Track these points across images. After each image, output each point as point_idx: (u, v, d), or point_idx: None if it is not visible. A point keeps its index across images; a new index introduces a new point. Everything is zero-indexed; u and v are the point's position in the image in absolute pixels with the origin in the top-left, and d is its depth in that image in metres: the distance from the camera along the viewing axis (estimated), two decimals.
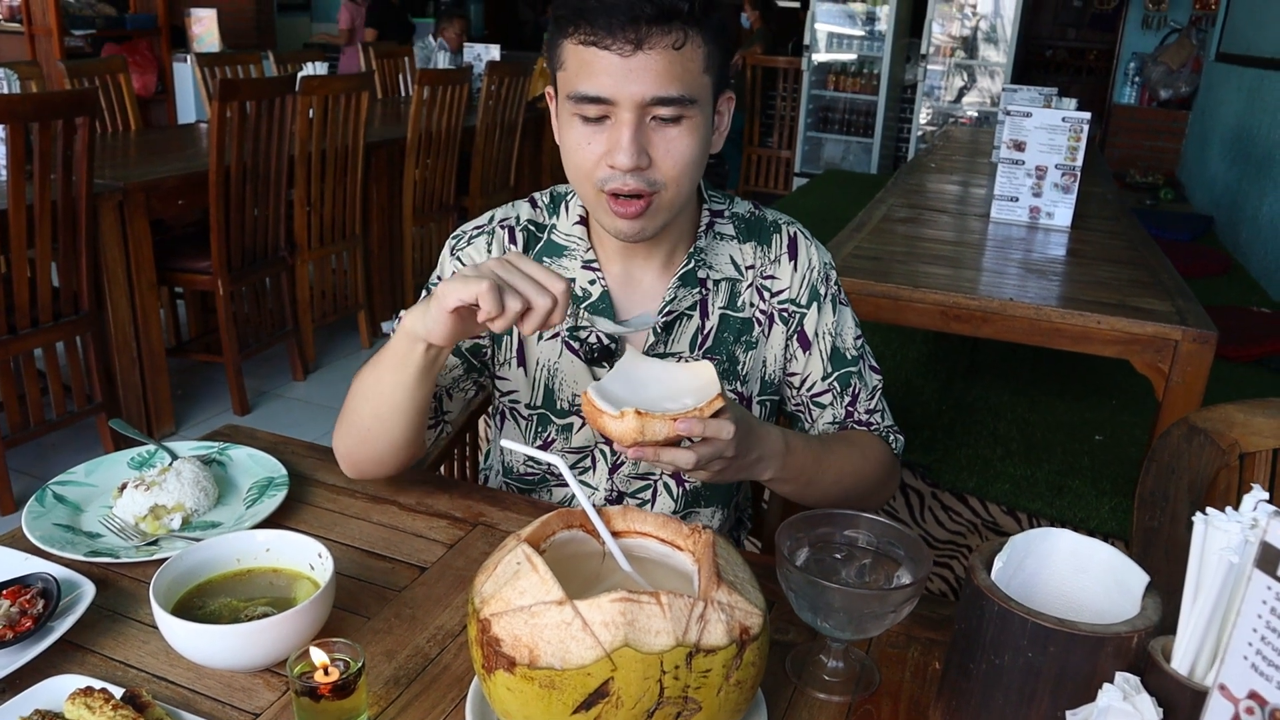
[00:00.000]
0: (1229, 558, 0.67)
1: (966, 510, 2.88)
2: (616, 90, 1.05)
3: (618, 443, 0.93)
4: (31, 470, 3.12)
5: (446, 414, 1.31)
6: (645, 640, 0.71)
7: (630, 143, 1.06)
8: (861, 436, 1.29)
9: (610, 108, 1.07)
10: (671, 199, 1.12)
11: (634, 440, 0.92)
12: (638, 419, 0.91)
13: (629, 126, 1.06)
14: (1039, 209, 3.12)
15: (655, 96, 1.05)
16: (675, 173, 1.10)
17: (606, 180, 1.09)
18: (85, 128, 2.77)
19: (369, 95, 3.87)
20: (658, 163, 1.09)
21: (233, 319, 3.50)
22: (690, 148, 1.10)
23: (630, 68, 1.04)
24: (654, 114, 1.07)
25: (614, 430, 0.92)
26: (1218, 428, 1.39)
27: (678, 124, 1.08)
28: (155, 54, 7.38)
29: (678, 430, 0.92)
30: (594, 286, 1.24)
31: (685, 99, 1.07)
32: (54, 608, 0.93)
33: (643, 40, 1.04)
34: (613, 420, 0.92)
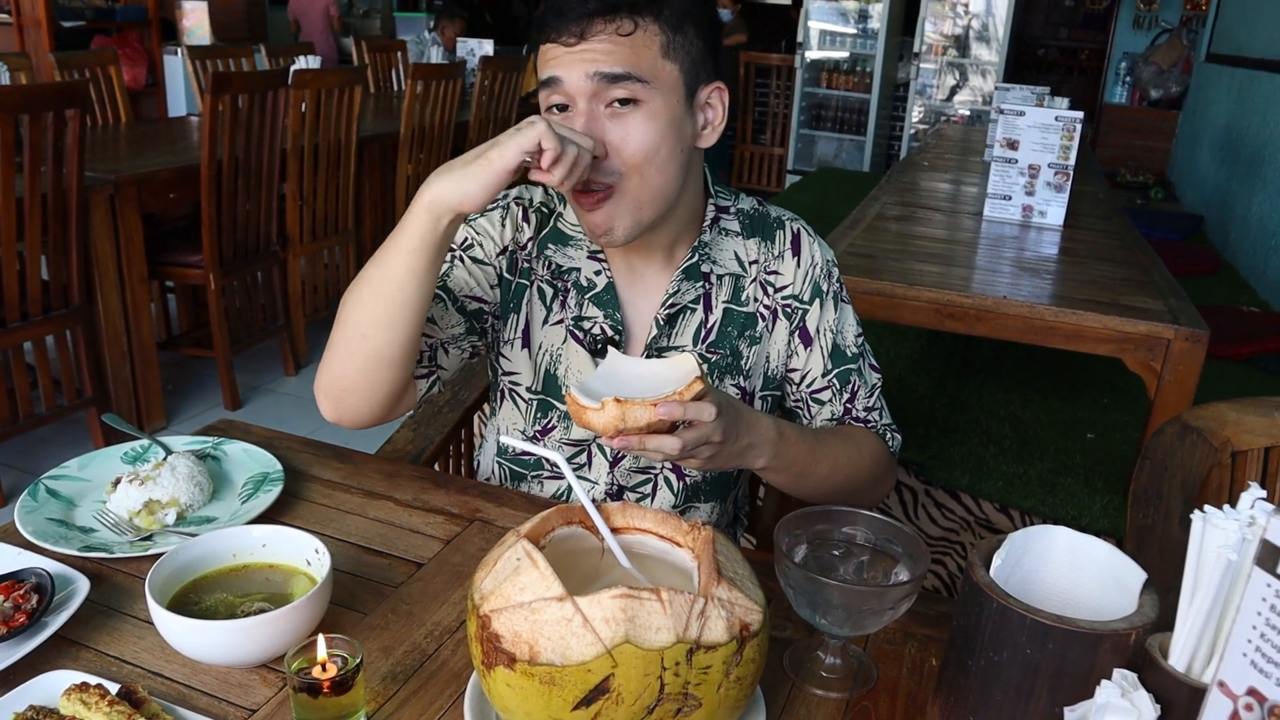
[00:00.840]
0: (1227, 555, 0.67)
1: (959, 507, 2.89)
2: (564, 71, 1.09)
3: (602, 435, 0.93)
4: (21, 465, 3.11)
5: (442, 368, 1.25)
6: (646, 637, 0.71)
7: (583, 129, 1.08)
8: (858, 432, 1.29)
9: (565, 92, 1.10)
10: (636, 190, 1.11)
11: (616, 429, 0.92)
12: (618, 407, 0.91)
13: (582, 114, 1.09)
14: (1032, 207, 3.13)
15: (598, 72, 1.08)
16: (636, 161, 1.10)
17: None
18: (76, 120, 2.75)
19: (361, 89, 3.85)
20: (615, 150, 1.09)
21: (224, 313, 3.48)
22: (647, 135, 1.10)
23: (575, 53, 1.09)
24: (610, 97, 1.09)
25: (596, 423, 0.93)
26: (1210, 426, 1.40)
27: (635, 107, 1.09)
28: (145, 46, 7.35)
29: (659, 415, 0.92)
30: (599, 277, 1.24)
31: (633, 76, 1.08)
32: (48, 603, 0.92)
33: (585, 31, 1.08)
34: (594, 413, 0.92)
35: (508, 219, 1.27)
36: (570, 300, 1.25)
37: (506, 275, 1.27)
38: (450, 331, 1.25)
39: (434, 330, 1.23)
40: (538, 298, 1.27)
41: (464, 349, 1.27)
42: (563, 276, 1.26)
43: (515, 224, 1.27)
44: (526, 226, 1.27)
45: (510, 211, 1.28)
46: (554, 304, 1.26)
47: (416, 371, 1.21)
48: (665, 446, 0.95)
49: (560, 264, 1.26)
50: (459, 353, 1.27)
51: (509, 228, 1.27)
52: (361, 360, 1.10)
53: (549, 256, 1.26)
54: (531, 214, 1.28)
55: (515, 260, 1.27)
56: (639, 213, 1.13)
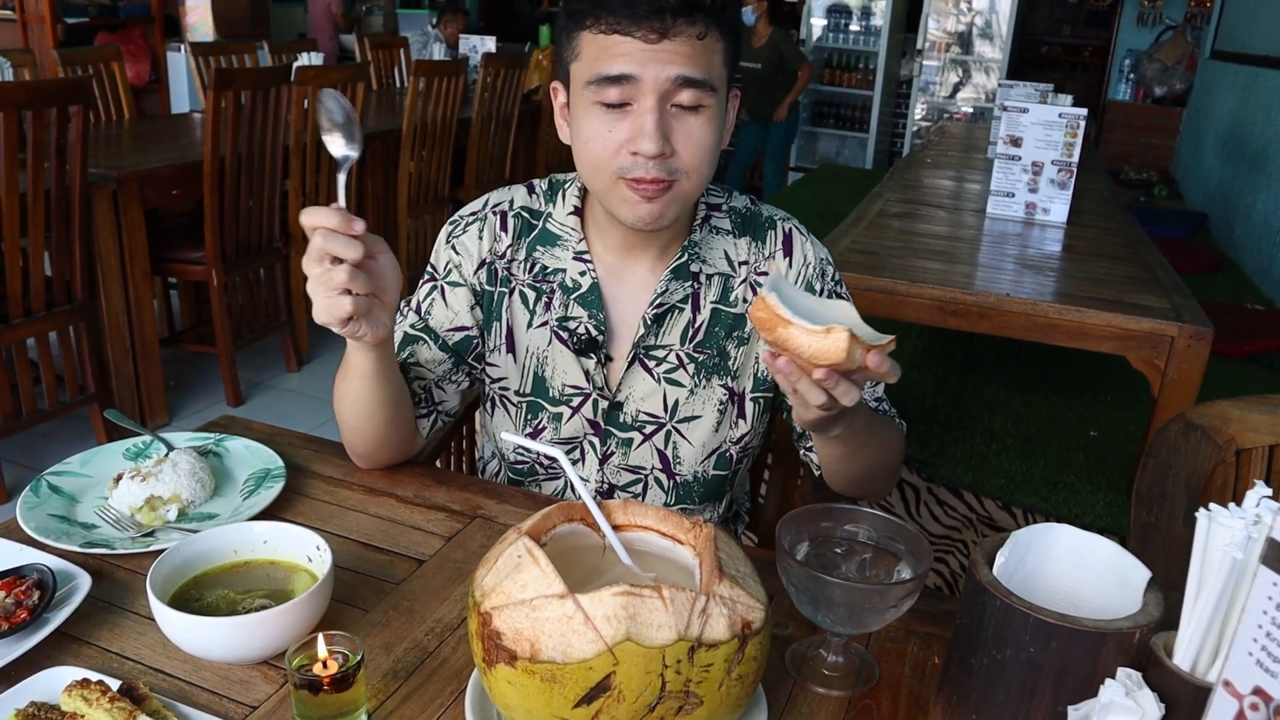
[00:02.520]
0: (1233, 554, 0.67)
1: (962, 505, 2.89)
2: (641, 70, 1.05)
3: (808, 360, 0.86)
4: (23, 460, 3.11)
5: (440, 404, 1.31)
6: (647, 634, 0.70)
7: (655, 128, 1.06)
8: (882, 416, 1.29)
9: (633, 91, 1.06)
10: (690, 189, 1.13)
11: (835, 361, 0.85)
12: (849, 341, 0.84)
13: (653, 112, 1.06)
14: (1035, 205, 3.12)
15: (682, 76, 1.06)
16: (695, 161, 1.10)
17: (628, 169, 1.09)
18: (79, 116, 2.75)
19: (364, 86, 3.85)
20: (679, 151, 1.09)
21: (226, 310, 3.48)
22: (710, 137, 1.10)
23: (655, 52, 1.05)
24: (676, 100, 1.07)
25: (808, 345, 0.85)
26: (1214, 424, 1.39)
27: (697, 113, 1.09)
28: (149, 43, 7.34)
29: (872, 363, 0.87)
30: (584, 278, 1.24)
31: (708, 84, 1.07)
32: (50, 599, 0.92)
33: (668, 29, 1.05)
34: (813, 335, 0.85)
35: (485, 230, 1.27)
36: (555, 301, 1.25)
37: (487, 288, 1.28)
38: (439, 370, 1.29)
39: (423, 372, 1.29)
40: (519, 303, 1.27)
41: (458, 382, 1.31)
42: (548, 278, 1.26)
43: (493, 234, 1.27)
44: (504, 235, 1.27)
45: (487, 222, 1.28)
46: (537, 306, 1.26)
47: (417, 412, 1.28)
48: (847, 396, 0.90)
49: (546, 265, 1.26)
50: (454, 386, 1.31)
51: (487, 239, 1.27)
52: (364, 442, 1.23)
53: (536, 259, 1.26)
54: (511, 219, 1.28)
55: (494, 271, 1.27)
56: (682, 205, 1.15)
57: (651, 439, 1.28)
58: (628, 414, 1.27)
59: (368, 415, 1.18)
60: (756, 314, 0.88)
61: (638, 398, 1.27)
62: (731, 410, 1.29)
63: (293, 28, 8.83)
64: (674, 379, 1.26)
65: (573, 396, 1.27)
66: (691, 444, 1.29)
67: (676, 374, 1.26)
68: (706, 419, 1.28)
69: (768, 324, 0.87)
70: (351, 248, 0.96)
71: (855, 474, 1.22)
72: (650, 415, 1.27)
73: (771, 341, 0.87)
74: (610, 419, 1.27)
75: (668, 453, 1.29)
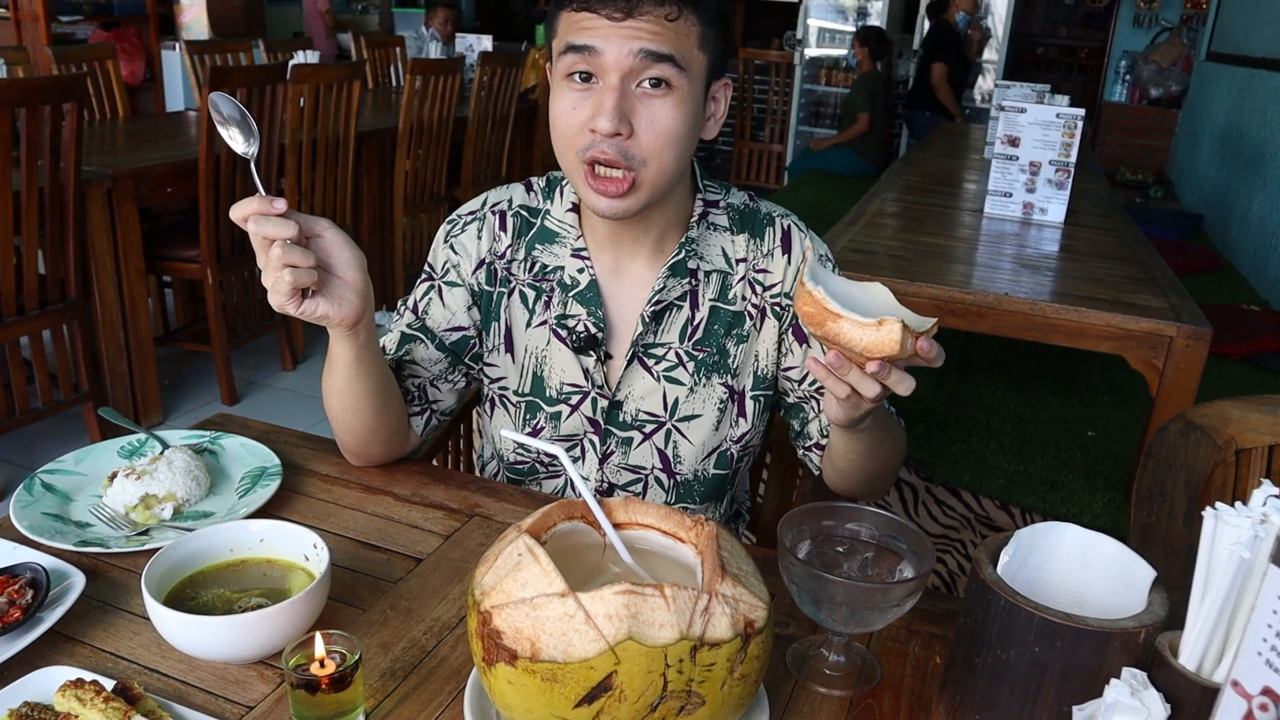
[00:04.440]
0: (1240, 553, 0.66)
1: (960, 505, 2.89)
2: (605, 43, 1.06)
3: (859, 354, 0.85)
4: (17, 460, 3.09)
5: (435, 402, 1.30)
6: (649, 633, 0.70)
7: (613, 107, 1.06)
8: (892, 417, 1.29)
9: (597, 65, 1.07)
10: (654, 176, 1.11)
11: (890, 354, 0.84)
12: (901, 332, 0.83)
13: (614, 91, 1.06)
14: (1033, 205, 3.12)
15: (645, 49, 1.05)
16: (656, 146, 1.09)
17: (586, 148, 1.09)
18: (73, 114, 2.74)
19: (360, 84, 3.84)
20: (639, 134, 1.08)
21: (221, 308, 3.47)
22: (674, 121, 1.09)
23: (620, 27, 1.06)
24: (641, 78, 1.07)
25: (860, 338, 0.84)
26: (1214, 424, 1.39)
27: (664, 95, 1.08)
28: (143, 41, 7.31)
29: (920, 349, 0.86)
30: (582, 275, 1.23)
31: (674, 59, 1.07)
32: (43, 598, 0.91)
33: (633, 9, 1.05)
34: (865, 329, 0.83)
35: (484, 230, 1.27)
36: (554, 300, 1.25)
37: (485, 288, 1.27)
38: (435, 369, 1.29)
39: (418, 370, 1.29)
40: (519, 302, 1.26)
41: (454, 381, 1.32)
42: (547, 276, 1.25)
43: (492, 233, 1.27)
44: (504, 234, 1.27)
45: (486, 221, 1.27)
46: (537, 305, 1.26)
47: (410, 410, 1.28)
48: (902, 386, 0.90)
49: (546, 263, 1.25)
50: (450, 385, 1.31)
51: (485, 238, 1.27)
52: (354, 439, 1.22)
53: (535, 257, 1.25)
54: (510, 218, 1.27)
55: (493, 270, 1.27)
56: (650, 197, 1.13)
57: (651, 438, 1.27)
58: (627, 413, 1.26)
59: (354, 407, 1.17)
60: (803, 308, 0.87)
61: (637, 396, 1.26)
62: (731, 409, 1.28)
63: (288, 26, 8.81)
64: (673, 377, 1.25)
65: (571, 395, 1.26)
66: (691, 443, 1.28)
67: (676, 372, 1.25)
68: (706, 418, 1.27)
69: (816, 319, 0.85)
70: (282, 226, 0.97)
71: (870, 471, 1.21)
72: (650, 414, 1.26)
73: (820, 335, 0.86)
74: (610, 418, 1.27)
75: (668, 452, 1.28)
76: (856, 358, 0.87)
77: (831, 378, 0.92)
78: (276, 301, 1.00)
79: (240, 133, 1.01)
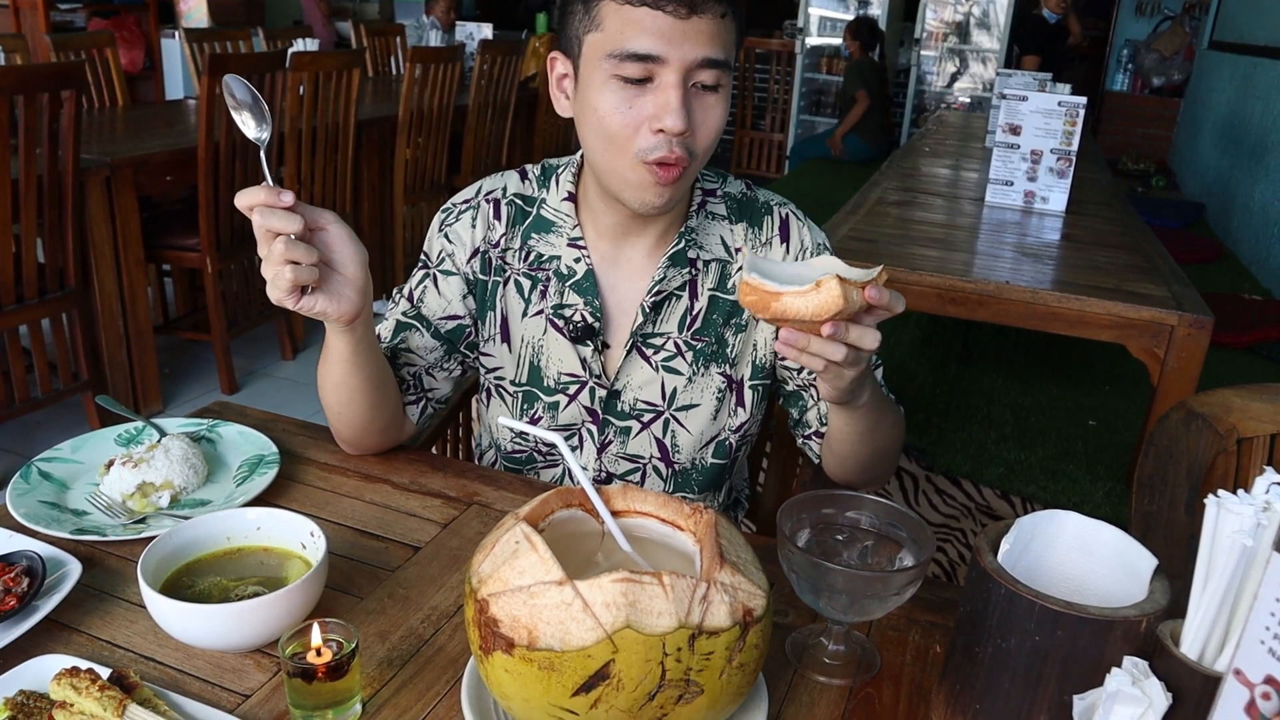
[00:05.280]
0: (1242, 541, 0.66)
1: (960, 494, 2.88)
2: (669, 49, 1.03)
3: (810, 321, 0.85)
4: (16, 448, 3.09)
5: (430, 391, 1.30)
6: (647, 621, 0.69)
7: (680, 106, 1.04)
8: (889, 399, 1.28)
9: (657, 68, 1.04)
10: (695, 170, 1.12)
11: (835, 313, 0.84)
12: (840, 285, 0.83)
13: (678, 89, 1.04)
14: (1034, 193, 3.11)
15: (708, 57, 1.04)
16: (708, 142, 1.10)
17: (650, 150, 1.06)
18: (71, 101, 2.73)
19: (360, 72, 3.83)
20: (696, 131, 1.08)
21: (221, 297, 3.46)
22: (722, 118, 1.10)
23: (684, 29, 1.03)
24: (697, 79, 1.06)
25: (805, 305, 0.84)
26: (1215, 412, 1.38)
27: (715, 92, 1.08)
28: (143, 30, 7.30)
29: (869, 298, 0.86)
30: (579, 265, 1.22)
31: (729, 64, 1.07)
32: (39, 586, 0.90)
33: (697, 5, 1.03)
34: (800, 296, 0.84)
35: (478, 218, 1.26)
36: (550, 289, 1.24)
37: (480, 277, 1.26)
38: (430, 358, 1.28)
39: (414, 358, 1.28)
40: (514, 291, 1.25)
41: (450, 370, 1.31)
42: (543, 266, 1.24)
43: (487, 222, 1.26)
44: (498, 223, 1.26)
45: (481, 210, 1.27)
46: (533, 295, 1.25)
47: (405, 398, 1.28)
48: (867, 338, 0.90)
49: (542, 253, 1.24)
50: (446, 374, 1.31)
51: (480, 227, 1.26)
52: (350, 428, 1.22)
53: (531, 246, 1.25)
54: (504, 206, 1.26)
55: (488, 259, 1.26)
56: (688, 185, 1.14)
57: (649, 427, 1.27)
58: (625, 402, 1.26)
59: (350, 400, 1.17)
60: (746, 298, 0.87)
61: (635, 386, 1.25)
62: (730, 398, 1.28)
63: (287, 14, 8.78)
64: (672, 367, 1.25)
65: (569, 385, 1.25)
66: (690, 432, 1.27)
67: (674, 362, 1.25)
68: (705, 407, 1.27)
69: (760, 304, 0.86)
70: (288, 220, 0.95)
71: (869, 455, 1.20)
72: (648, 404, 1.26)
73: (770, 319, 0.87)
74: (608, 407, 1.26)
75: (666, 441, 1.28)
76: (812, 327, 0.87)
77: (800, 354, 0.91)
78: (275, 296, 0.99)
79: (252, 117, 0.99)
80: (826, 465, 1.27)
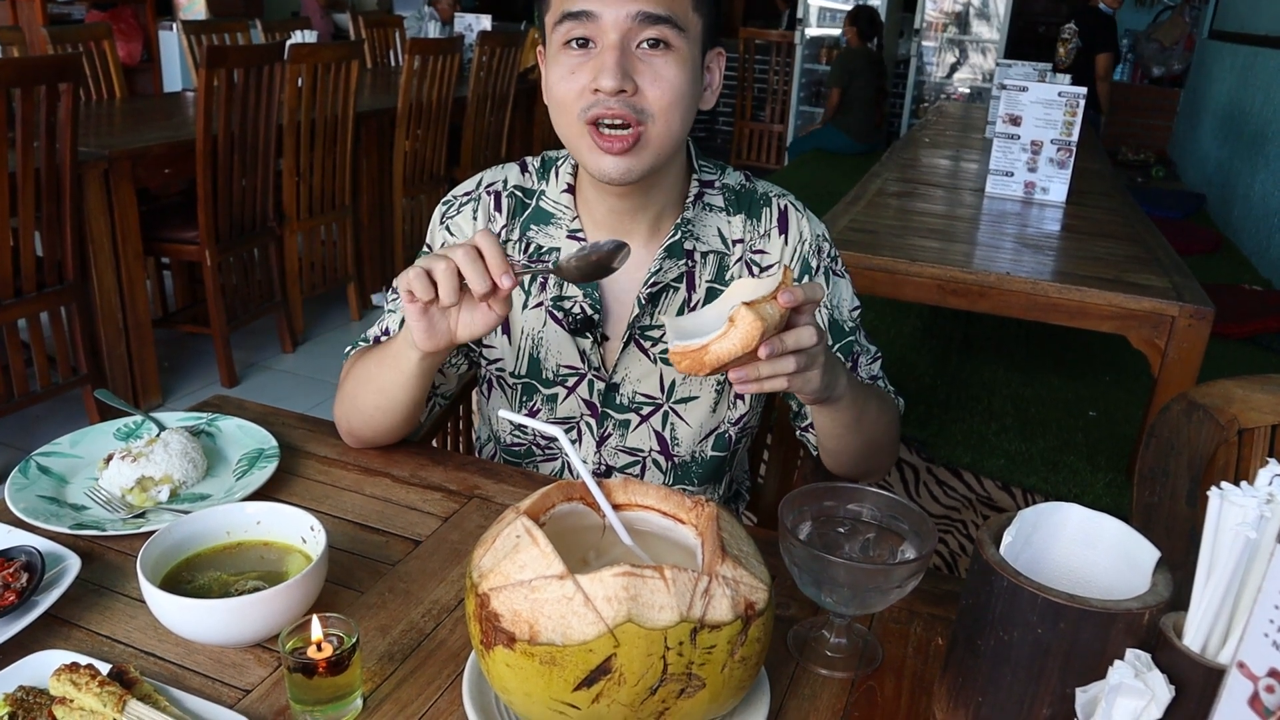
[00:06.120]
0: (1245, 533, 0.66)
1: (961, 485, 2.88)
2: (602, 6, 1.04)
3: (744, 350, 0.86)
4: (15, 442, 3.09)
5: (438, 387, 1.30)
6: (649, 615, 0.69)
7: (615, 64, 1.04)
8: (874, 386, 1.28)
9: (595, 29, 1.05)
10: (660, 135, 1.09)
11: (760, 335, 0.85)
12: (750, 310, 0.85)
13: (614, 49, 1.05)
14: (1034, 184, 3.11)
15: (642, 11, 1.04)
16: (664, 103, 1.07)
17: (590, 107, 1.07)
18: (69, 94, 2.72)
19: (359, 64, 3.81)
20: (644, 90, 1.07)
21: (220, 290, 3.46)
22: (679, 78, 1.08)
23: None
24: (641, 37, 1.05)
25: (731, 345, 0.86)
26: (1217, 403, 1.38)
27: (665, 53, 1.07)
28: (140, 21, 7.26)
29: (783, 303, 0.88)
30: None
31: (672, 19, 1.05)
32: (38, 581, 0.90)
33: None
34: (722, 339, 0.86)
35: (479, 210, 1.26)
36: (550, 281, 1.23)
37: None
38: None
39: None
40: None
41: (457, 365, 1.31)
42: (543, 258, 1.24)
43: (488, 214, 1.26)
44: (499, 215, 1.26)
45: (481, 202, 1.26)
46: (532, 286, 1.24)
47: None
48: (804, 337, 0.91)
49: (541, 244, 1.24)
50: (453, 370, 1.31)
51: (481, 219, 1.26)
52: (370, 429, 1.22)
53: (530, 238, 1.24)
54: (505, 199, 1.26)
55: None
56: (656, 158, 1.12)
57: (649, 420, 1.27)
58: (624, 395, 1.26)
59: (388, 408, 1.17)
60: (680, 365, 0.89)
61: (634, 379, 1.25)
62: (729, 391, 1.27)
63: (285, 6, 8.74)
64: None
65: (568, 377, 1.25)
66: (689, 425, 1.27)
67: None
68: (704, 400, 1.26)
69: (694, 365, 0.88)
70: (478, 283, 0.95)
71: (860, 447, 1.20)
72: (647, 396, 1.26)
73: (711, 372, 0.89)
74: (607, 400, 1.26)
75: (665, 434, 1.27)
76: (752, 357, 0.89)
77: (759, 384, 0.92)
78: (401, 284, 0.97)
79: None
80: (824, 459, 1.27)
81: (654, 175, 1.14)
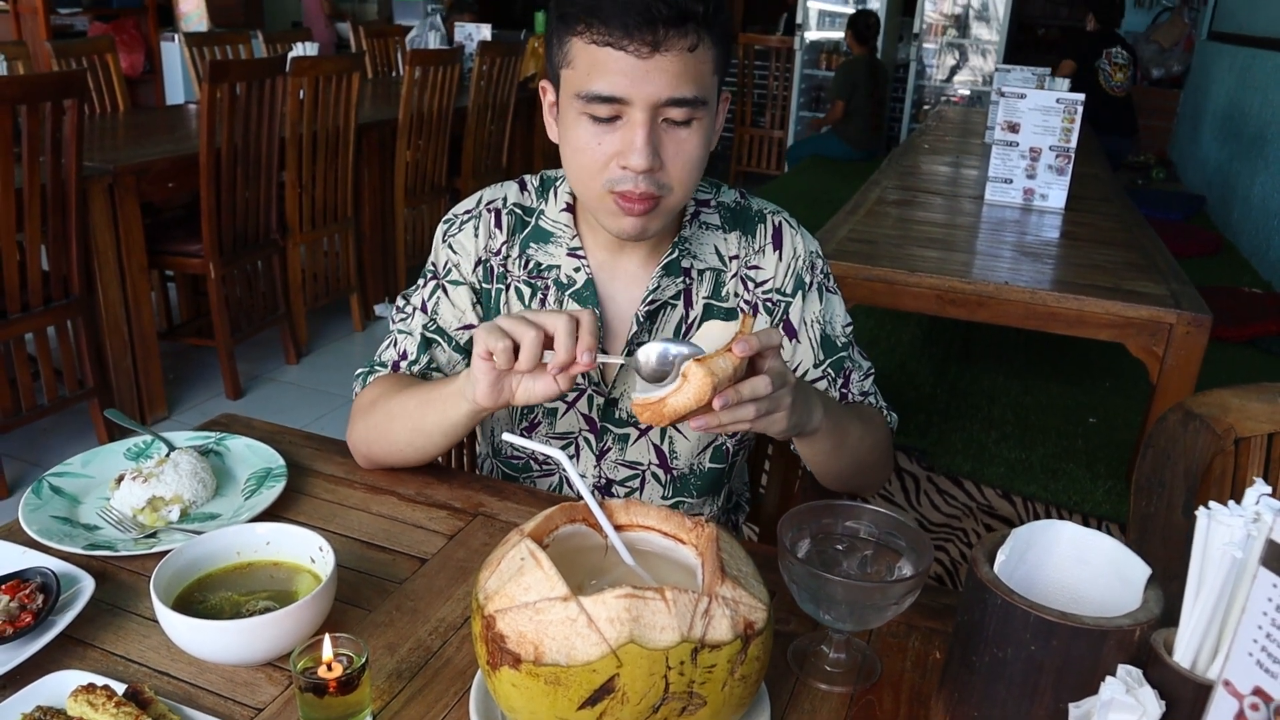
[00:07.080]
0: (1232, 553, 0.67)
1: (961, 494, 2.89)
2: (632, 90, 1.04)
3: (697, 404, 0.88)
4: (24, 456, 3.11)
5: None
6: (650, 636, 0.71)
7: (645, 144, 1.05)
8: (861, 407, 1.30)
9: (623, 108, 1.06)
10: (675, 203, 1.13)
11: (710, 389, 0.88)
12: (700, 366, 0.87)
13: (643, 127, 1.05)
14: (1033, 190, 3.12)
15: (671, 98, 1.04)
16: (683, 175, 1.10)
17: (617, 181, 1.08)
18: (74, 110, 2.74)
19: (359, 76, 3.84)
20: (667, 165, 1.08)
21: (224, 302, 3.48)
22: (698, 149, 1.10)
23: (647, 69, 1.03)
24: (666, 115, 1.06)
25: (686, 399, 0.88)
26: (1213, 413, 1.39)
27: (688, 126, 1.08)
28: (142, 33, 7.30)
29: (738, 354, 0.90)
30: (579, 274, 1.24)
31: (698, 100, 1.06)
32: (54, 602, 0.92)
33: (660, 42, 1.02)
34: (677, 394, 0.88)
35: (480, 227, 1.27)
36: (550, 298, 1.25)
37: (484, 285, 1.28)
38: (456, 370, 1.29)
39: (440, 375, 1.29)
40: (515, 299, 1.27)
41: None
42: (542, 275, 1.26)
43: (488, 231, 1.27)
44: (499, 232, 1.27)
45: (482, 219, 1.28)
46: (533, 303, 1.26)
47: None
48: (759, 386, 0.93)
49: (540, 262, 1.26)
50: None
51: (482, 236, 1.27)
52: (397, 458, 1.24)
53: (530, 255, 1.26)
54: (505, 216, 1.28)
55: (490, 268, 1.27)
56: (669, 215, 1.14)
57: (647, 434, 1.28)
58: (623, 410, 1.27)
59: (423, 445, 1.19)
60: (643, 416, 0.92)
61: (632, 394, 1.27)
62: None
63: (286, 16, 8.79)
64: None
65: (567, 392, 1.27)
66: (687, 438, 1.29)
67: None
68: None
69: (655, 416, 0.91)
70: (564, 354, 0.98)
71: (843, 467, 1.22)
72: None
73: (672, 423, 0.91)
74: (606, 415, 1.28)
75: (664, 447, 1.29)
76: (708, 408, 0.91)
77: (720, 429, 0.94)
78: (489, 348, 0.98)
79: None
80: (818, 476, 1.28)
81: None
